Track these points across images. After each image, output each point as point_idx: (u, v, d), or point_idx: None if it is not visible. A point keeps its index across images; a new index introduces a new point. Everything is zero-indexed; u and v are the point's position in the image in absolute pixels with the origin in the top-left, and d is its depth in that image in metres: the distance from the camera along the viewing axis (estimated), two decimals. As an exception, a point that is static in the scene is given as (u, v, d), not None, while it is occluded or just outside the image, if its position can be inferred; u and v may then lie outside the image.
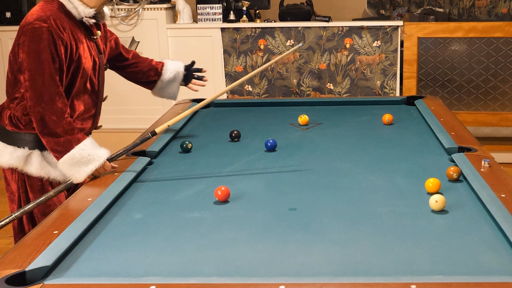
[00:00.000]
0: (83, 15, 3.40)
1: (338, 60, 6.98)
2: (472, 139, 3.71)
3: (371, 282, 2.01)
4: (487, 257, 2.26)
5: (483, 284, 1.97)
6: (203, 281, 2.06)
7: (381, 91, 6.97)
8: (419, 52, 6.99)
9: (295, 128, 4.22)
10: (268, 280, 2.05)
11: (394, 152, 3.64)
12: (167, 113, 4.62)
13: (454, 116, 4.29)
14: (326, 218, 2.68)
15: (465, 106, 7.06)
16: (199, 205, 2.87)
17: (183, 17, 7.15)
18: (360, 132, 4.10)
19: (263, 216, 2.72)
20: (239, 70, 7.11)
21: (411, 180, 3.13)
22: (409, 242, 2.38)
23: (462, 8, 9.13)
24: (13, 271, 2.10)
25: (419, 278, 2.03)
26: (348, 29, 6.93)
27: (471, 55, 6.96)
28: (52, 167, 3.42)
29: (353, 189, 3.05)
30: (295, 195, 2.99)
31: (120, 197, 2.94)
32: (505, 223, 2.44)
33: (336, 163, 3.49)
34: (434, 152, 3.59)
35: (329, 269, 2.22)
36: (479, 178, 2.96)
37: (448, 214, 2.67)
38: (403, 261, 2.26)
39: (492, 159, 3.25)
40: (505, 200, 2.68)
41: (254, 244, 2.44)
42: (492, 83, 6.97)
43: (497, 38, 6.86)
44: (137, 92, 7.11)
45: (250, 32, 7.04)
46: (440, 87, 7.08)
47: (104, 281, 2.09)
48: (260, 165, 3.46)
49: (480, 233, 2.46)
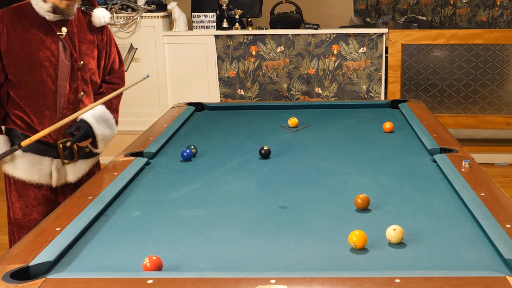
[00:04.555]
0: (41, 11, 3.39)
1: (326, 66, 6.99)
2: (453, 140, 3.71)
3: (358, 276, 2.01)
4: (468, 252, 2.27)
5: (463, 278, 1.97)
6: (197, 275, 2.06)
7: (366, 95, 6.97)
8: (403, 58, 7.00)
9: (285, 130, 4.22)
10: (260, 275, 2.04)
11: (379, 153, 3.64)
12: (164, 116, 4.61)
13: (436, 119, 4.30)
14: (314, 216, 2.68)
15: (447, 109, 7.07)
16: (194, 204, 2.87)
17: (179, 24, 7.15)
18: (346, 134, 4.10)
19: (254, 214, 2.72)
20: (232, 75, 7.11)
21: (395, 180, 3.14)
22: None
23: (443, 16, 9.14)
24: (18, 266, 2.10)
25: (403, 273, 2.03)
26: (336, 36, 6.93)
27: (452, 61, 6.98)
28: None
29: (340, 188, 3.06)
30: (285, 194, 2.99)
31: (119, 196, 2.94)
32: (485, 220, 2.45)
33: (324, 163, 3.49)
34: (417, 153, 3.59)
35: (318, 264, 2.22)
36: (460, 178, 2.97)
37: (430, 212, 2.68)
38: (388, 257, 2.26)
39: (472, 160, 3.25)
40: (485, 198, 2.69)
41: (246, 240, 2.45)
42: (472, 88, 6.98)
43: (477, 45, 6.88)
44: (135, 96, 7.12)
45: (243, 39, 7.04)
46: (423, 91, 7.09)
47: (104, 275, 2.08)
48: (252, 166, 3.46)
49: (461, 230, 2.47)
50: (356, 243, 2.30)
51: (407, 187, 3.01)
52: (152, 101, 7.16)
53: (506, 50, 6.84)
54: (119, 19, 7.08)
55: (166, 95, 7.17)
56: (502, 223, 2.41)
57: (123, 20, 7.08)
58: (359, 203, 2.72)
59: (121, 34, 7.09)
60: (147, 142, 3.79)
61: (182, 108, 4.78)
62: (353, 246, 2.31)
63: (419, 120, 4.16)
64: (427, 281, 1.96)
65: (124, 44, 7.04)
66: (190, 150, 3.58)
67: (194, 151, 3.63)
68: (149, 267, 2.15)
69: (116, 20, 7.05)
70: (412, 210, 2.71)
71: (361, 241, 2.30)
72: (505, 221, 2.44)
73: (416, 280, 1.97)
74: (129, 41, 7.06)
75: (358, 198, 2.73)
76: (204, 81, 7.16)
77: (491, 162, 6.86)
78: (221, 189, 3.09)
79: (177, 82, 7.19)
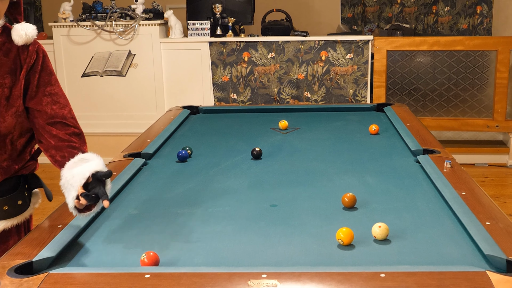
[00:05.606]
0: None
1: (315, 71, 6.99)
2: (435, 142, 3.72)
3: (345, 271, 2.01)
4: (449, 248, 2.27)
5: (445, 273, 1.98)
6: (192, 270, 2.06)
7: (353, 99, 6.98)
8: (387, 63, 7.00)
9: (276, 132, 4.22)
10: (252, 270, 2.04)
11: (365, 154, 3.64)
12: (160, 118, 4.61)
13: (419, 122, 4.30)
14: (303, 214, 2.68)
15: (429, 112, 7.08)
16: (189, 202, 2.87)
17: (175, 32, 7.14)
18: (334, 136, 4.11)
19: (247, 212, 2.72)
20: (225, 80, 7.10)
21: (380, 179, 3.14)
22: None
23: (426, 24, 9.15)
24: (22, 261, 2.10)
25: (387, 268, 2.03)
26: (324, 43, 6.93)
27: (435, 66, 6.99)
28: None
29: (328, 187, 3.06)
30: (276, 192, 2.99)
31: (118, 195, 2.94)
32: (465, 218, 2.46)
33: (313, 164, 3.49)
34: (401, 154, 3.60)
35: (307, 259, 2.22)
36: (442, 177, 2.97)
37: (414, 210, 2.68)
38: (373, 253, 2.26)
39: (454, 160, 3.26)
40: (465, 197, 2.70)
41: (239, 237, 2.45)
42: (453, 92, 6.99)
43: (458, 51, 6.89)
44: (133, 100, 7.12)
45: (235, 46, 7.04)
46: (406, 95, 7.09)
47: (103, 270, 2.08)
48: (244, 166, 3.46)
49: (443, 227, 2.47)
50: (343, 239, 2.30)
51: (391, 187, 3.01)
52: (150, 104, 7.15)
53: (486, 56, 6.85)
54: (118, 26, 7.07)
55: (163, 99, 7.16)
56: (482, 221, 2.41)
57: (122, 27, 7.07)
58: (346, 202, 2.72)
59: (120, 41, 7.08)
60: (145, 143, 3.79)
61: (178, 111, 4.78)
62: (340, 242, 2.31)
63: (403, 123, 4.17)
64: (411, 276, 1.96)
65: (122, 50, 7.04)
66: (186, 151, 3.58)
67: (190, 152, 3.63)
68: (146, 263, 2.16)
69: (115, 27, 7.04)
70: (396, 208, 2.71)
71: (348, 238, 2.31)
72: (485, 218, 2.44)
73: (400, 275, 1.97)
74: (127, 48, 7.06)
75: (345, 197, 2.73)
76: (198, 86, 7.16)
77: (471, 162, 6.87)
78: (215, 188, 3.09)
79: (173, 86, 7.18)
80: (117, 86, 7.16)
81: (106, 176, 2.33)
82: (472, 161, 6.91)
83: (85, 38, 7.14)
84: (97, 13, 7.15)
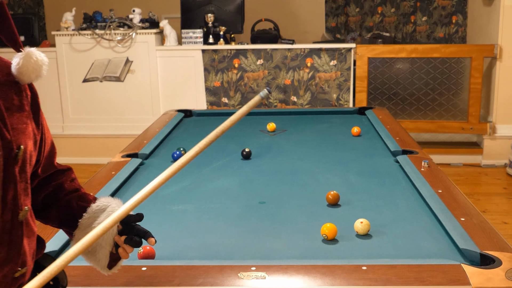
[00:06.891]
0: None
1: (301, 77, 6.99)
2: (414, 143, 3.72)
3: (329, 264, 2.02)
4: (427, 243, 2.28)
5: (423, 266, 1.98)
6: (186, 263, 2.05)
7: (337, 102, 6.98)
8: (369, 69, 7.01)
9: (264, 134, 4.22)
10: (242, 263, 2.04)
11: (348, 155, 3.65)
12: (156, 121, 4.60)
13: (398, 124, 4.31)
14: (290, 210, 2.69)
15: (408, 115, 7.08)
16: (183, 199, 2.87)
17: (170, 40, 7.13)
18: (319, 138, 4.11)
19: (237, 209, 2.73)
20: (217, 85, 7.09)
21: (362, 178, 3.15)
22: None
23: (405, 33, 9.16)
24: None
25: (369, 261, 2.04)
26: (309, 51, 6.93)
27: (413, 72, 6.99)
28: None
29: (313, 185, 3.06)
30: (264, 190, 2.99)
31: (115, 193, 2.93)
32: (442, 214, 2.46)
33: (299, 163, 3.49)
34: (382, 154, 3.60)
35: (293, 253, 2.23)
36: (419, 176, 2.98)
37: (393, 206, 2.69)
38: (355, 247, 2.27)
39: (431, 160, 3.27)
40: (442, 195, 2.70)
41: (230, 232, 2.45)
42: (430, 96, 7.00)
43: (434, 58, 6.90)
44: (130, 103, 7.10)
45: (226, 53, 7.03)
46: (387, 99, 7.10)
47: (102, 264, 2.08)
48: (234, 166, 3.46)
49: (421, 223, 2.48)
50: (328, 234, 2.30)
51: (372, 185, 3.01)
52: (146, 108, 7.13)
53: (461, 63, 6.86)
54: (117, 35, 7.05)
55: (158, 103, 7.14)
56: (457, 217, 2.42)
57: (120, 36, 7.05)
58: (330, 199, 2.72)
59: (118, 49, 7.06)
60: (142, 144, 3.78)
61: (172, 114, 4.77)
62: (325, 237, 2.31)
63: (383, 125, 4.17)
64: (391, 269, 1.97)
65: (121, 57, 7.03)
66: (180, 151, 3.57)
67: (184, 153, 3.62)
68: (143, 256, 2.17)
69: (114, 36, 7.02)
70: (377, 205, 2.72)
71: (332, 233, 2.31)
72: (460, 215, 2.45)
73: (381, 268, 1.98)
74: (125, 55, 7.04)
75: (329, 195, 2.73)
76: (192, 90, 7.15)
77: (447, 162, 6.88)
78: (207, 186, 3.09)
79: (168, 91, 7.17)
80: (115, 91, 7.14)
81: (138, 220, 1.86)
82: (448, 161, 6.92)
83: (85, 46, 7.12)
84: (97, 22, 7.13)
